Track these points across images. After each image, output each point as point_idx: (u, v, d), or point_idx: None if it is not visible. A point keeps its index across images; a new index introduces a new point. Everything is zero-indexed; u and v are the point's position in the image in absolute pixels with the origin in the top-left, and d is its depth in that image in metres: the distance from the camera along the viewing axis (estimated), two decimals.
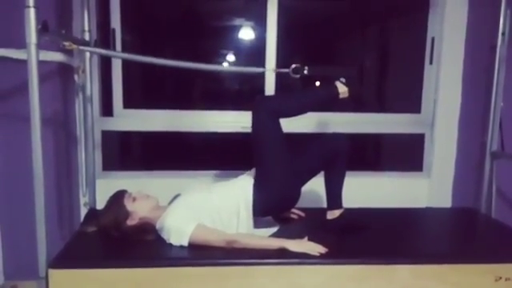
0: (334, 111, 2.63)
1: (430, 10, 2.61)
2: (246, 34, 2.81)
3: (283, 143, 1.96)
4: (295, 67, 2.03)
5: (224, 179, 2.06)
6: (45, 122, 1.57)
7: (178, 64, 1.98)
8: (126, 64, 2.51)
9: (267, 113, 1.92)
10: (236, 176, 2.04)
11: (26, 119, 1.55)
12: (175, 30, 2.86)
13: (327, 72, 2.25)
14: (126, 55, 2.39)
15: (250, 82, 2.93)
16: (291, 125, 2.03)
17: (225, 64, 2.97)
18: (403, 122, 2.70)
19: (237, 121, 2.56)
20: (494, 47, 2.31)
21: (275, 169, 1.93)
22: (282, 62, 2.57)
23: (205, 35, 2.88)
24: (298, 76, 2.04)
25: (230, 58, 2.87)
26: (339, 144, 2.01)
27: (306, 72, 2.04)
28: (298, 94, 2.20)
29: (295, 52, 2.79)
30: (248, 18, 2.80)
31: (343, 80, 2.05)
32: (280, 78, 2.58)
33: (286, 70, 2.05)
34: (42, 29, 1.52)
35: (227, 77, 3.00)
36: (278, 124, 1.94)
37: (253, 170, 2.02)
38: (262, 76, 2.57)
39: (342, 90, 2.03)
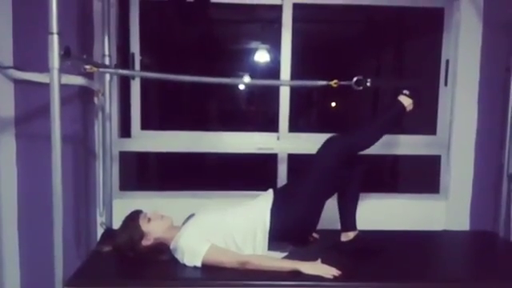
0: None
1: (445, 33, 2.61)
2: (262, 56, 2.87)
3: (329, 184, 1.96)
4: (358, 79, 1.99)
5: (239, 200, 2.06)
6: (65, 142, 1.61)
7: (201, 80, 2.00)
8: (144, 87, 2.57)
9: (339, 150, 1.92)
10: (251, 197, 2.04)
11: (47, 139, 1.60)
12: (193, 53, 2.93)
13: (389, 83, 2.22)
14: (143, 73, 2.48)
15: (265, 103, 2.97)
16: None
17: (241, 86, 3.01)
18: (419, 143, 2.68)
19: (252, 142, 2.58)
20: (509, 69, 2.30)
21: (306, 202, 1.92)
22: None
23: (222, 58, 2.94)
24: (360, 88, 1.99)
25: (246, 79, 2.92)
26: (354, 170, 2.02)
27: (368, 84, 2.00)
28: (368, 125, 2.14)
29: (309, 74, 2.82)
30: (263, 42, 2.86)
31: (407, 92, 2.03)
32: (294, 99, 2.60)
33: (348, 83, 2.00)
34: (65, 54, 1.57)
35: (242, 98, 3.04)
36: (340, 166, 1.93)
37: (269, 192, 2.03)
38: (276, 97, 2.60)
39: (407, 102, 2.02)
